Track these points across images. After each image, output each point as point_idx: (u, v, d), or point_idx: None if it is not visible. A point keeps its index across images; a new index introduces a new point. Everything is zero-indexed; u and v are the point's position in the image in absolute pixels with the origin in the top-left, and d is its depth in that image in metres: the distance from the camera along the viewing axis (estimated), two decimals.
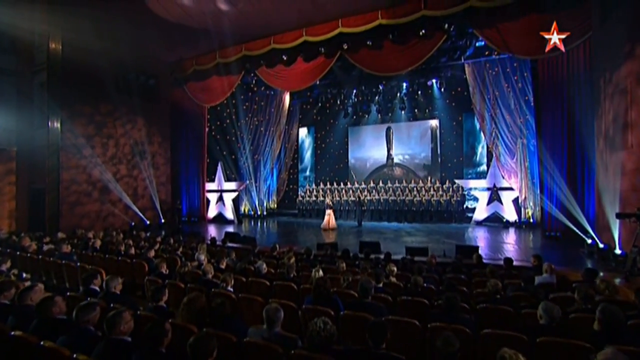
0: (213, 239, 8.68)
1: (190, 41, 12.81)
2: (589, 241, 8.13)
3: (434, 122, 16.55)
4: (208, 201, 16.63)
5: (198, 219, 16.05)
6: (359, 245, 8.69)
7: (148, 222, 13.42)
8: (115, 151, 12.69)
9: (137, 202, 13.34)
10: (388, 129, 17.66)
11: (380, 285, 4.41)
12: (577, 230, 8.93)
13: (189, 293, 4.51)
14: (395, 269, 5.19)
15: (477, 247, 7.80)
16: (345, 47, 11.84)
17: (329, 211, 12.91)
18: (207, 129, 16.15)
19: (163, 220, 14.18)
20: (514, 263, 6.41)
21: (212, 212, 16.65)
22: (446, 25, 10.52)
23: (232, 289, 4.32)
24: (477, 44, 12.48)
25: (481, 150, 15.32)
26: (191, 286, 4.47)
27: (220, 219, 16.42)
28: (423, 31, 10.77)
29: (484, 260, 6.88)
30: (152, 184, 13.69)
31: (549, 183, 10.16)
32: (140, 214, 13.25)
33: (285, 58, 12.88)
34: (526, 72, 12.37)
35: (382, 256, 7.57)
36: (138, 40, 12.08)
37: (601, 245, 7.46)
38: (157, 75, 14.00)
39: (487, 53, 12.84)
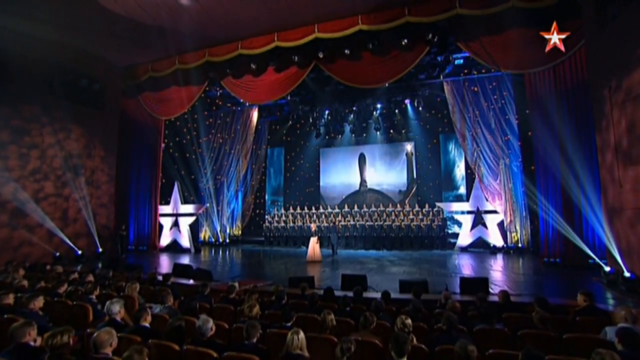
0: (152, 275, 6.39)
1: (144, 43, 10.86)
2: (607, 269, 6.82)
3: (410, 144, 15.46)
4: (161, 227, 14.02)
5: (147, 248, 13.34)
6: (341, 280, 6.78)
7: (80, 252, 10.61)
8: (39, 164, 10.01)
9: (67, 227, 10.57)
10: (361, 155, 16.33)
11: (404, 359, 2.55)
12: (595, 257, 7.67)
13: None
14: (410, 321, 3.37)
15: (485, 279, 6.20)
16: (320, 55, 10.52)
17: (313, 239, 10.74)
18: (163, 145, 13.86)
19: (101, 250, 11.39)
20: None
21: (165, 240, 14.02)
22: (430, 36, 9.53)
23: None
24: (456, 62, 11.72)
25: (459, 172, 14.29)
26: None
27: (174, 248, 13.83)
28: (405, 41, 9.72)
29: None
30: (88, 206, 11.01)
31: (544, 205, 9.02)
32: (69, 242, 10.44)
33: (254, 67, 11.29)
34: (505, 91, 11.66)
35: (376, 295, 5.74)
36: (80, 36, 9.93)
37: (627, 274, 6.12)
38: (104, 79, 11.73)
39: (465, 71, 12.10)
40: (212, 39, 10.82)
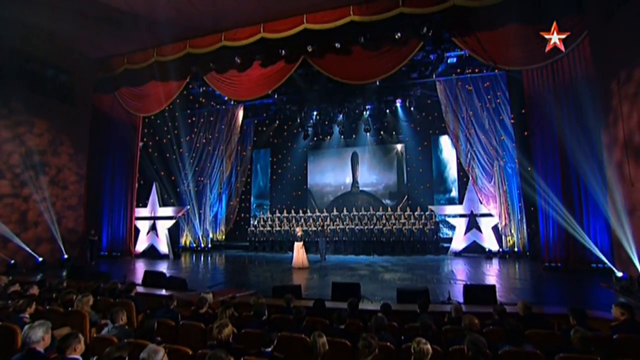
0: (113, 285, 5.41)
1: (119, 31, 9.89)
2: (620, 274, 6.23)
3: (400, 146, 14.84)
4: (137, 231, 12.87)
5: (122, 254, 12.19)
6: (332, 288, 5.95)
7: (40, 260, 9.41)
8: None
9: (26, 231, 9.37)
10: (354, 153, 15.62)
11: None
12: (607, 260, 7.08)
13: None
14: (428, 347, 2.58)
15: (492, 287, 5.49)
16: (309, 49, 9.83)
17: (298, 245, 9.74)
18: (140, 144, 12.81)
19: (66, 256, 10.19)
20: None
21: (141, 245, 12.87)
22: (424, 29, 8.96)
23: None
24: (449, 61, 11.24)
25: (451, 174, 13.72)
26: None
27: (151, 254, 12.70)
28: (399, 34, 9.17)
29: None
30: (51, 208, 9.83)
31: (544, 207, 8.46)
32: (28, 249, 9.23)
33: (239, 61, 10.52)
34: (499, 91, 11.18)
35: (372, 307, 4.95)
36: (45, 19, 8.88)
37: None
38: (73, 70, 10.64)
39: (458, 71, 11.61)
40: (194, 29, 9.98)
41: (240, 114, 14.93)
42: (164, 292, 6.76)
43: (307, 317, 4.01)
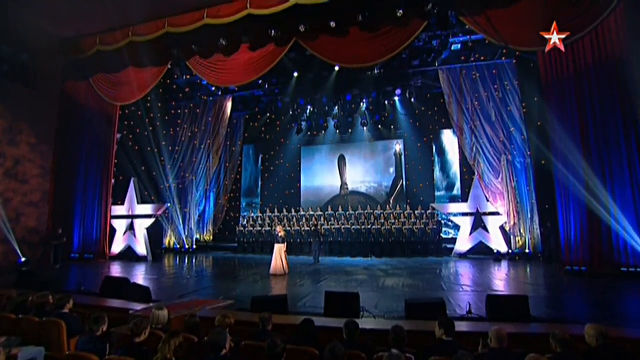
0: (42, 298, 4.11)
1: (88, 7, 8.63)
2: None
3: (399, 141, 13.67)
4: (113, 231, 11.52)
5: (95, 256, 10.82)
6: (325, 300, 4.71)
7: None
8: None
9: None
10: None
11: None
12: None
13: None
14: None
15: (524, 298, 4.32)
16: (302, 29, 8.67)
17: (279, 247, 8.18)
18: (117, 136, 11.51)
19: (24, 260, 8.82)
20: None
21: (117, 246, 11.52)
22: (429, 6, 7.84)
23: None
24: (453, 47, 10.14)
25: (453, 171, 12.57)
26: None
27: (129, 256, 11.34)
28: (400, 12, 8.02)
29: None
30: (3, 205, 8.44)
31: (564, 202, 7.36)
32: None
33: (224, 43, 9.35)
34: (507, 80, 10.11)
35: (374, 324, 3.72)
36: None
37: None
38: (35, 50, 9.31)
39: (463, 59, 10.53)
40: (173, 5, 8.76)
41: (229, 106, 13.70)
42: (123, 303, 5.49)
43: (290, 345, 2.79)
